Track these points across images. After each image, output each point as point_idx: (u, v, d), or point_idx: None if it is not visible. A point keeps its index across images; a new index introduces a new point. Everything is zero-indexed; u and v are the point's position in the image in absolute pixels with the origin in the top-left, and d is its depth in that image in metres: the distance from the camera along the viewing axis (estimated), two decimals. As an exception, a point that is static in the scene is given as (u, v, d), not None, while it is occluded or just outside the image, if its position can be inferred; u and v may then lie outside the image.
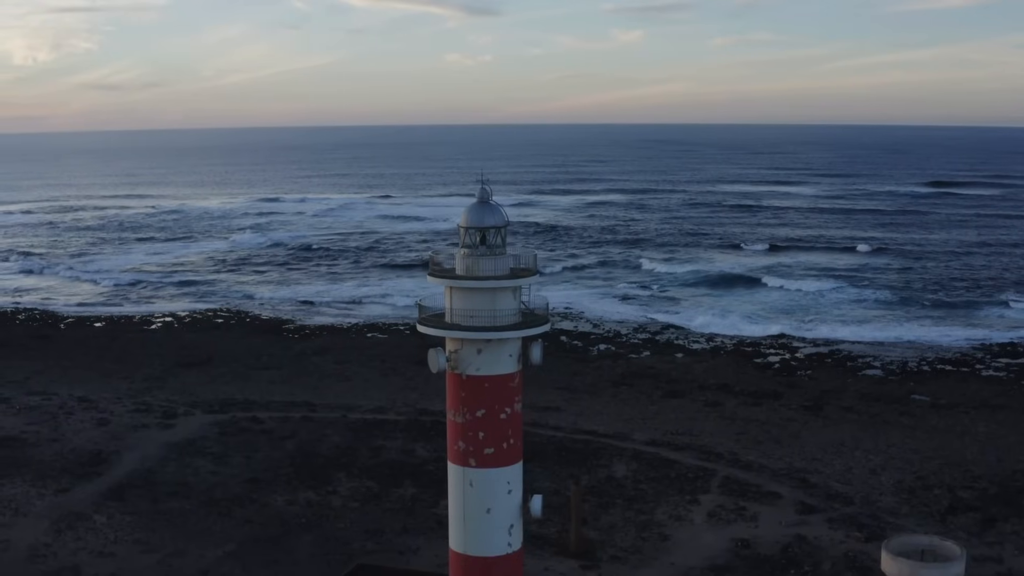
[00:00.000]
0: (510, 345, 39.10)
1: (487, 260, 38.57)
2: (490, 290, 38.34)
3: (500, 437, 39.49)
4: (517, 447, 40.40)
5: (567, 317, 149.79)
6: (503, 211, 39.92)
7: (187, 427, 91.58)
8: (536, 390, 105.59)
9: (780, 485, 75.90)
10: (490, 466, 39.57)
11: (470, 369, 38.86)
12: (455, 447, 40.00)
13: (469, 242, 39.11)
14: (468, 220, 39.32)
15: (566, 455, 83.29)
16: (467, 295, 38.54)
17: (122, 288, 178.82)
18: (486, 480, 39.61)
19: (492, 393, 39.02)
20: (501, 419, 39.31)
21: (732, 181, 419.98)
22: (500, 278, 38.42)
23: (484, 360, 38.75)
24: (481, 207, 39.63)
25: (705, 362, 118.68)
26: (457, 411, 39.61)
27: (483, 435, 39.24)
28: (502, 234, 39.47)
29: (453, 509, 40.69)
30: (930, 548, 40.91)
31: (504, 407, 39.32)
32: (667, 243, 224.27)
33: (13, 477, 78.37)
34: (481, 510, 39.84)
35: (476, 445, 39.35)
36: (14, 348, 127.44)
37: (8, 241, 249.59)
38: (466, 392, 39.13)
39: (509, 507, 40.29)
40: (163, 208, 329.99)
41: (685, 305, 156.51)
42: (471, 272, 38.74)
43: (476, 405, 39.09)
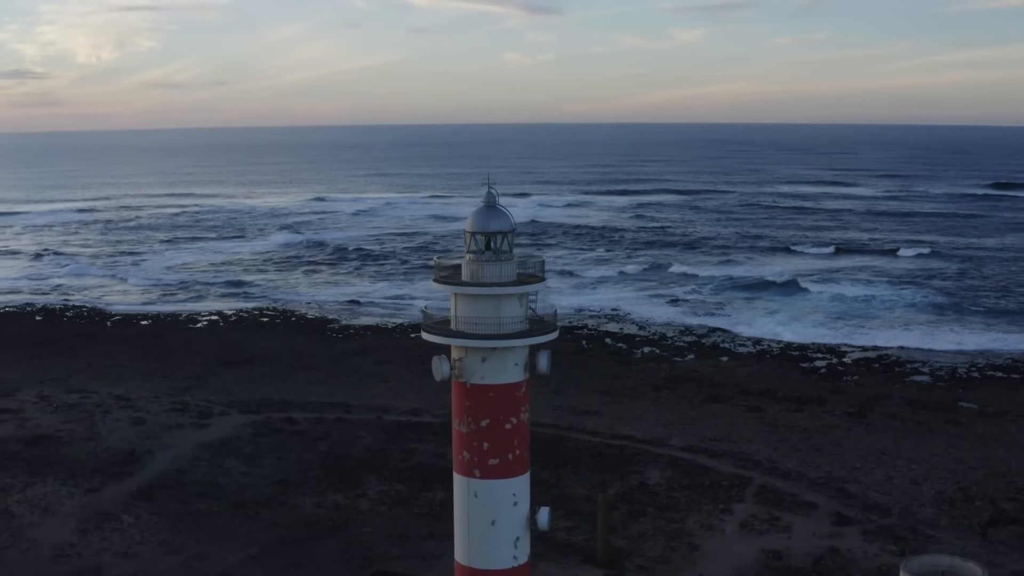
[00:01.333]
0: (516, 353, 38.02)
1: (492, 266, 37.56)
2: (495, 297, 37.29)
3: (505, 448, 38.43)
4: (523, 458, 39.31)
5: (613, 319, 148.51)
6: (510, 216, 38.86)
7: (222, 427, 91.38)
8: (575, 393, 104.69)
9: (817, 495, 74.15)
10: (495, 477, 38.54)
11: (474, 378, 37.86)
12: (460, 457, 39.04)
13: (474, 247, 38.06)
14: (474, 225, 38.32)
15: (600, 461, 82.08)
16: (472, 302, 37.55)
17: (171, 286, 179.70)
18: (491, 491, 38.59)
19: (497, 402, 37.97)
20: (506, 429, 38.25)
21: (789, 182, 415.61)
22: (505, 284, 37.36)
23: (489, 369, 37.72)
24: (487, 211, 38.63)
25: (750, 366, 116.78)
26: (462, 420, 38.64)
27: (488, 445, 38.22)
28: (508, 239, 38.38)
29: (458, 521, 39.75)
30: (951, 569, 39.32)
31: (510, 417, 38.25)
32: (719, 245, 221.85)
33: (45, 476, 78.50)
34: (486, 522, 38.84)
35: (480, 456, 38.35)
36: (59, 346, 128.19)
37: (61, 239, 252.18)
38: (470, 401, 38.15)
39: (515, 519, 39.22)
40: (217, 206, 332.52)
41: (734, 308, 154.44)
42: (476, 278, 37.75)
43: (480, 415, 38.07)
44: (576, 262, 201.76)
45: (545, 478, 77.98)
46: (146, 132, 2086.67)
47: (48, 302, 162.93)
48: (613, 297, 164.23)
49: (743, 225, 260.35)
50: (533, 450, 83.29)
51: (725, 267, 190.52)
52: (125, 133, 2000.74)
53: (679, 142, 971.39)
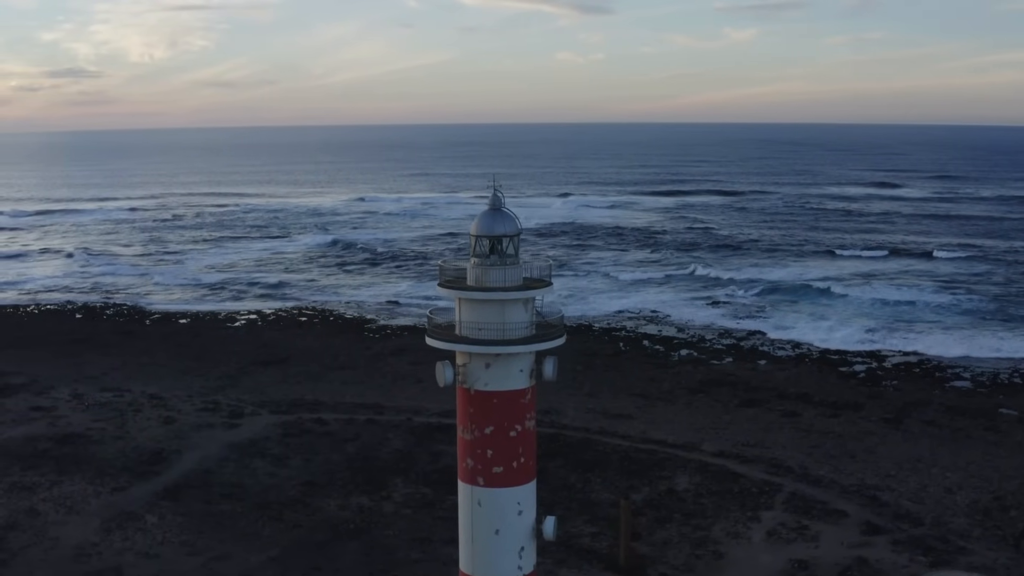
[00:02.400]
0: (520, 360, 37.22)
1: (496, 270, 36.77)
2: (499, 302, 36.52)
3: (510, 456, 37.63)
4: (529, 466, 38.48)
5: (652, 321, 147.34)
6: (516, 219, 38.08)
7: (251, 427, 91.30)
8: (610, 396, 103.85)
9: (848, 503, 72.78)
10: (499, 486, 37.75)
11: (478, 384, 37.11)
12: (463, 464, 38.30)
13: (479, 251, 37.32)
14: (478, 228, 37.53)
15: (629, 465, 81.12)
16: (475, 306, 36.81)
17: (211, 285, 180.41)
18: (494, 500, 37.81)
19: (501, 409, 37.19)
20: (511, 437, 37.43)
21: (836, 183, 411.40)
22: (509, 289, 36.59)
23: (493, 375, 36.94)
24: (492, 214, 37.83)
25: (787, 370, 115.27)
26: (465, 427, 37.91)
27: (491, 453, 37.44)
28: (514, 243, 37.58)
29: (462, 529, 39.04)
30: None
31: (514, 424, 37.44)
32: (763, 247, 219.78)
33: (73, 475, 78.68)
34: (489, 531, 38.08)
35: (484, 463, 37.58)
36: (97, 343, 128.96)
37: (106, 238, 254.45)
38: (474, 408, 37.40)
39: (519, 529, 38.43)
40: (261, 206, 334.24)
41: (775, 311, 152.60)
42: (480, 282, 36.98)
43: (484, 422, 37.30)
44: (617, 263, 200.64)
45: (572, 482, 77.29)
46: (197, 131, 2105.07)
47: (89, 300, 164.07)
48: (653, 299, 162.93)
49: (788, 227, 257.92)
50: (561, 453, 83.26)
51: (768, 269, 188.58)
52: (176, 132, 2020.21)
53: (728, 142, 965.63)
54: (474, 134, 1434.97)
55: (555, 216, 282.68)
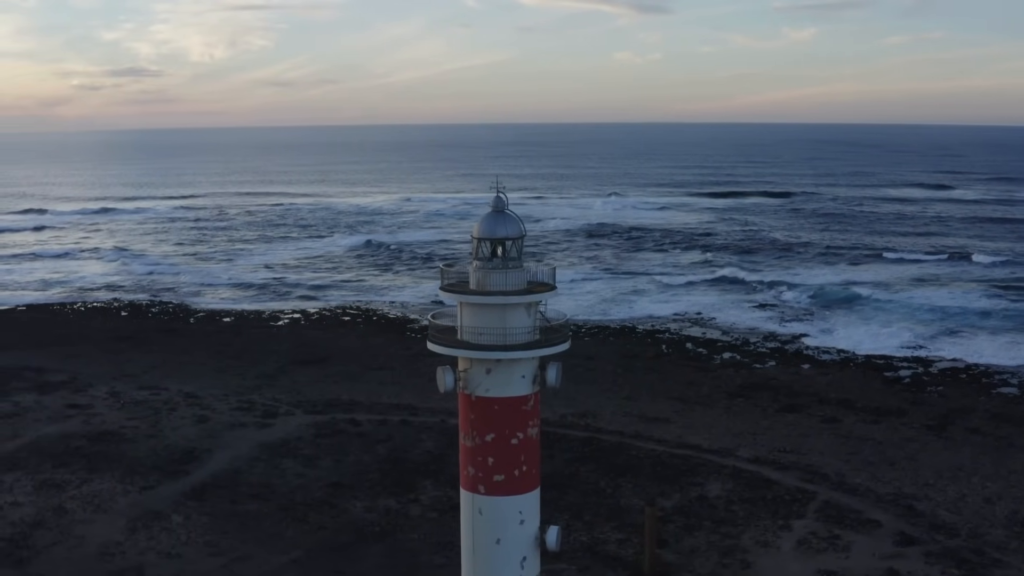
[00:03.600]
0: (523, 365, 36.38)
1: (498, 274, 35.99)
2: (500, 306, 35.70)
3: (511, 464, 36.81)
4: (531, 475, 37.61)
5: (697, 323, 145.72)
6: (520, 221, 37.20)
7: (284, 427, 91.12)
8: (648, 400, 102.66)
9: (883, 512, 71.13)
10: (500, 494, 36.95)
11: (479, 390, 36.37)
12: (465, 472, 37.58)
13: (481, 254, 36.51)
14: (480, 230, 36.77)
15: (661, 471, 79.94)
16: (477, 311, 36.06)
17: (258, 284, 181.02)
18: (495, 508, 37.02)
19: (502, 416, 36.40)
20: (512, 444, 36.63)
21: (892, 184, 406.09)
22: (510, 293, 35.74)
23: (494, 381, 36.17)
24: (495, 217, 37.03)
25: (831, 375, 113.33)
26: (467, 434, 37.17)
27: (492, 461, 36.66)
28: (517, 246, 36.74)
29: (463, 538, 38.34)
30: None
31: (516, 432, 36.62)
32: (814, 250, 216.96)
33: (103, 472, 78.86)
34: (490, 540, 37.30)
35: (485, 471, 36.82)
36: (139, 342, 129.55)
37: (157, 236, 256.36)
38: (475, 414, 36.66)
39: (521, 538, 37.59)
40: (314, 205, 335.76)
41: (822, 315, 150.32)
42: (481, 286, 36.20)
43: (485, 429, 36.54)
44: (664, 265, 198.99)
45: (602, 487, 76.30)
46: (256, 130, 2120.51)
47: (135, 298, 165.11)
48: (699, 301, 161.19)
49: (839, 229, 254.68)
50: (594, 457, 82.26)
51: (817, 272, 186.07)
52: (235, 131, 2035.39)
53: (784, 142, 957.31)
54: (530, 133, 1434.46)
55: (605, 217, 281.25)
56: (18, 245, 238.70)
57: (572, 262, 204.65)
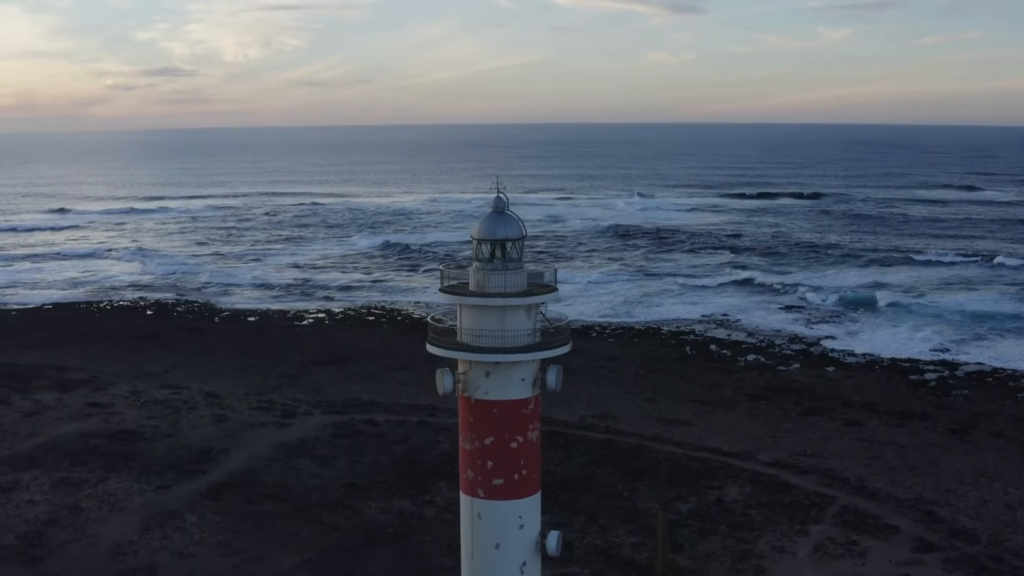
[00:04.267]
0: (522, 368, 35.94)
1: (497, 275, 35.58)
2: (499, 308, 35.27)
3: (511, 467, 36.37)
4: (531, 479, 37.15)
5: (722, 325, 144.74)
6: (520, 222, 36.76)
7: (302, 427, 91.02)
8: (669, 402, 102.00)
9: (902, 518, 70.21)
10: (499, 498, 36.52)
11: (478, 393, 35.97)
12: (464, 475, 37.16)
13: (481, 255, 36.08)
14: (480, 231, 36.40)
15: (679, 474, 79.28)
16: (475, 313, 35.67)
17: (284, 283, 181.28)
18: (495, 513, 36.59)
19: (502, 419, 35.97)
20: (512, 448, 36.19)
21: (924, 186, 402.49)
22: (509, 295, 35.31)
23: (493, 384, 35.75)
24: (496, 217, 36.68)
25: (855, 377, 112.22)
26: (466, 437, 36.78)
27: (492, 464, 36.23)
28: (518, 247, 36.30)
29: (463, 542, 37.89)
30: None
31: (515, 435, 36.18)
32: (843, 252, 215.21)
33: (120, 471, 78.97)
34: (489, 545, 36.86)
35: (484, 475, 36.40)
36: (162, 340, 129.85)
37: (185, 236, 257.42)
38: (474, 417, 36.26)
39: (521, 543, 37.13)
40: (343, 205, 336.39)
41: (849, 317, 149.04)
42: (481, 288, 35.78)
43: (484, 432, 36.13)
44: (691, 266, 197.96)
45: (619, 490, 75.76)
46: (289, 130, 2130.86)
47: (161, 297, 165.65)
48: (725, 302, 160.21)
49: (869, 231, 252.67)
50: (612, 460, 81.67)
51: (845, 274, 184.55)
52: (269, 131, 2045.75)
53: (817, 143, 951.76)
54: (563, 134, 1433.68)
55: (633, 217, 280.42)
56: (46, 244, 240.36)
57: (598, 263, 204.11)
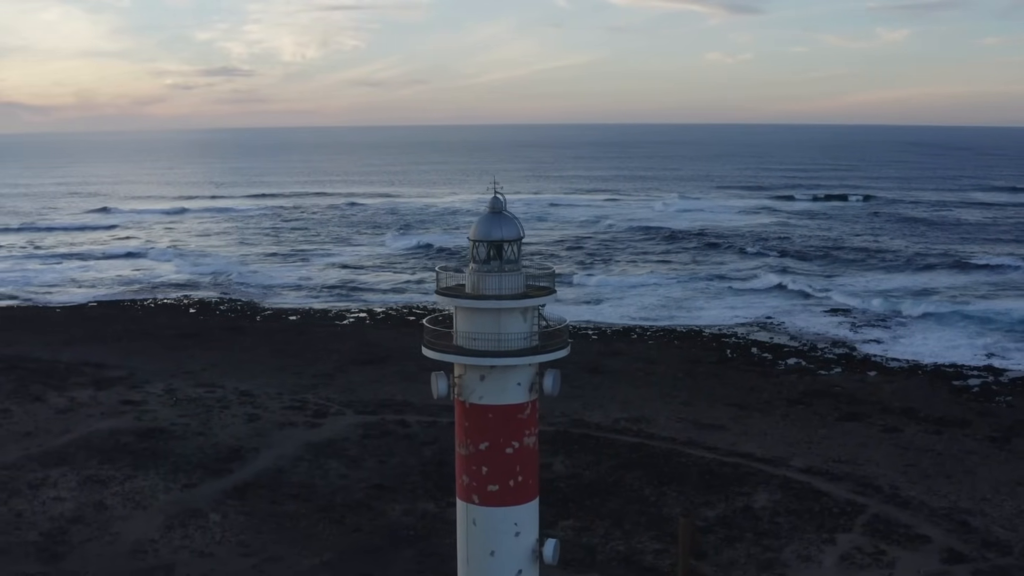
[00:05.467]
0: (518, 372, 35.22)
1: (492, 277, 34.85)
2: (494, 311, 34.57)
3: (506, 473, 35.69)
4: (528, 485, 36.46)
5: (765, 328, 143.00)
6: (518, 223, 36.03)
7: (333, 427, 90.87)
8: (705, 406, 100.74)
9: (934, 527, 68.68)
10: (494, 504, 35.86)
11: (473, 397, 35.30)
12: (460, 481, 36.55)
13: (477, 256, 35.41)
14: (477, 232, 35.69)
15: (709, 479, 78.16)
16: (471, 315, 35.01)
17: (329, 283, 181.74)
18: (489, 519, 35.95)
19: (497, 424, 35.29)
20: (507, 453, 35.50)
21: (979, 188, 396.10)
22: (505, 297, 34.60)
23: (488, 388, 35.08)
24: (492, 218, 35.93)
25: (897, 382, 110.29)
26: (461, 442, 36.16)
27: (486, 470, 35.58)
28: (515, 249, 35.56)
29: (459, 549, 37.30)
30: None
31: (511, 440, 35.49)
32: (892, 255, 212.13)
33: (148, 470, 79.15)
34: (484, 552, 36.23)
35: (479, 480, 35.77)
36: (202, 339, 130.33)
37: (229, 236, 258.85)
38: (469, 422, 35.62)
39: (516, 551, 36.44)
40: (394, 204, 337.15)
41: (896, 321, 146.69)
42: (476, 290, 35.10)
43: (479, 437, 35.49)
44: (737, 268, 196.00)
45: (646, 495, 74.82)
46: (347, 129, 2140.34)
47: (205, 296, 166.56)
48: (770, 305, 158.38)
49: (920, 234, 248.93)
50: (641, 464, 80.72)
51: (894, 277, 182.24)
52: (327, 130, 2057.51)
53: (873, 144, 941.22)
54: (618, 134, 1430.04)
55: (681, 218, 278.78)
56: (93, 242, 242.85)
57: (643, 264, 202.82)
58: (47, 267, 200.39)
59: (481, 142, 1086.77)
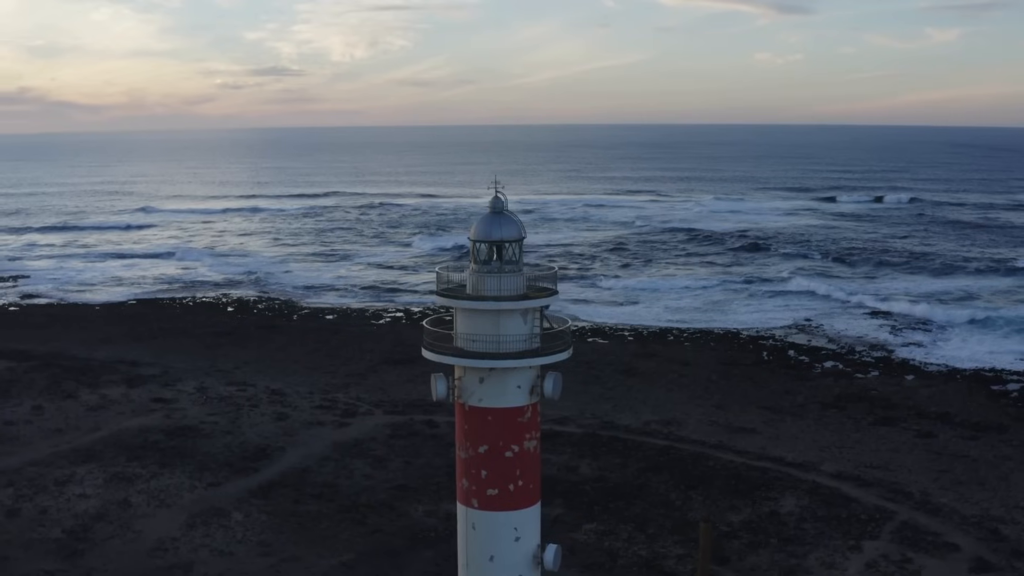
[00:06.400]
0: (517, 375, 34.71)
1: (492, 278, 34.36)
2: (493, 312, 34.08)
3: (505, 477, 35.18)
4: (528, 490, 35.94)
5: (804, 330, 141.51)
6: (519, 223, 35.51)
7: (361, 427, 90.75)
8: (738, 409, 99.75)
9: (964, 535, 67.42)
10: (493, 509, 35.36)
11: (472, 399, 34.84)
12: (460, 484, 36.09)
13: (477, 257, 34.93)
14: (476, 232, 35.22)
15: (736, 484, 77.21)
16: (470, 317, 34.54)
17: (369, 283, 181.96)
18: (489, 524, 35.46)
19: (496, 427, 34.81)
20: (506, 457, 34.99)
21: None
22: (503, 299, 34.08)
23: (487, 390, 34.60)
24: (493, 218, 35.46)
25: (934, 386, 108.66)
26: (461, 445, 35.70)
27: (486, 474, 35.10)
28: (515, 249, 35.03)
29: (459, 553, 36.82)
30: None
31: (510, 444, 34.99)
32: (935, 258, 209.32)
33: (174, 468, 79.32)
34: (484, 557, 35.73)
35: (479, 484, 35.32)
36: (238, 337, 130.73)
37: (271, 236, 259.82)
38: (469, 425, 35.18)
39: (516, 556, 35.92)
40: (435, 205, 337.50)
41: (938, 324, 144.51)
42: (476, 291, 34.62)
43: (478, 440, 35.03)
44: (777, 270, 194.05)
45: (671, 499, 74.03)
46: (395, 129, 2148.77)
47: (244, 294, 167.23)
48: (809, 307, 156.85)
49: (965, 237, 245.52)
50: (668, 468, 79.91)
51: (937, 280, 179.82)
52: (375, 130, 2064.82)
53: (922, 145, 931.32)
54: (666, 134, 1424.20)
55: (724, 219, 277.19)
56: (137, 241, 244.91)
57: (682, 265, 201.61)
58: (88, 265, 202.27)
59: (527, 142, 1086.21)
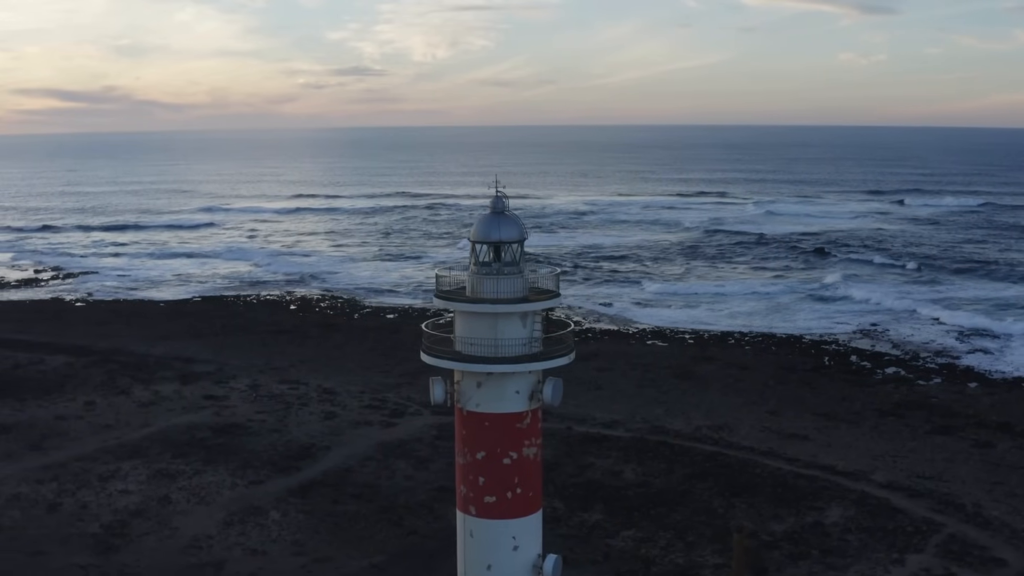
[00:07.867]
0: (516, 380, 33.92)
1: (490, 280, 33.59)
2: (491, 315, 33.34)
3: (503, 485, 34.41)
4: (527, 497, 35.08)
5: (868, 335, 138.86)
6: (520, 224, 34.72)
7: (407, 427, 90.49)
8: (792, 415, 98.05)
9: (1013, 551, 65.32)
10: (491, 517, 34.58)
11: (470, 404, 34.12)
12: (459, 491, 35.38)
13: (477, 259, 34.20)
14: (477, 233, 34.48)
15: (782, 492, 75.66)
16: (468, 320, 33.87)
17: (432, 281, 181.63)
18: (486, 532, 34.72)
19: (493, 433, 34.07)
20: (504, 464, 34.21)
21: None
22: (502, 301, 33.33)
23: (484, 395, 33.87)
24: (493, 218, 34.69)
25: (996, 395, 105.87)
26: (460, 450, 34.99)
27: (483, 480, 34.35)
28: (515, 250, 34.26)
29: (458, 561, 36.12)
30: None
31: (508, 451, 34.21)
32: (1009, 263, 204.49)
33: (218, 465, 79.65)
34: (481, 565, 35.02)
35: (476, 491, 34.59)
36: (296, 335, 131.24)
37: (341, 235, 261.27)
38: (467, 430, 34.48)
39: (514, 566, 35.13)
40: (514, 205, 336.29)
41: (1007, 331, 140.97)
42: (475, 293, 33.90)
43: (476, 446, 34.32)
44: (844, 274, 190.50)
45: (714, 507, 72.72)
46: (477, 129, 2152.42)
47: (307, 292, 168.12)
48: (876, 312, 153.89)
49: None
50: (713, 474, 78.53)
51: (1010, 287, 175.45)
52: (457, 130, 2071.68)
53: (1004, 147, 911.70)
54: (747, 135, 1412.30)
55: (794, 222, 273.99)
56: (206, 239, 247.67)
57: (748, 268, 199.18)
58: (156, 263, 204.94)
59: (608, 143, 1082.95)
